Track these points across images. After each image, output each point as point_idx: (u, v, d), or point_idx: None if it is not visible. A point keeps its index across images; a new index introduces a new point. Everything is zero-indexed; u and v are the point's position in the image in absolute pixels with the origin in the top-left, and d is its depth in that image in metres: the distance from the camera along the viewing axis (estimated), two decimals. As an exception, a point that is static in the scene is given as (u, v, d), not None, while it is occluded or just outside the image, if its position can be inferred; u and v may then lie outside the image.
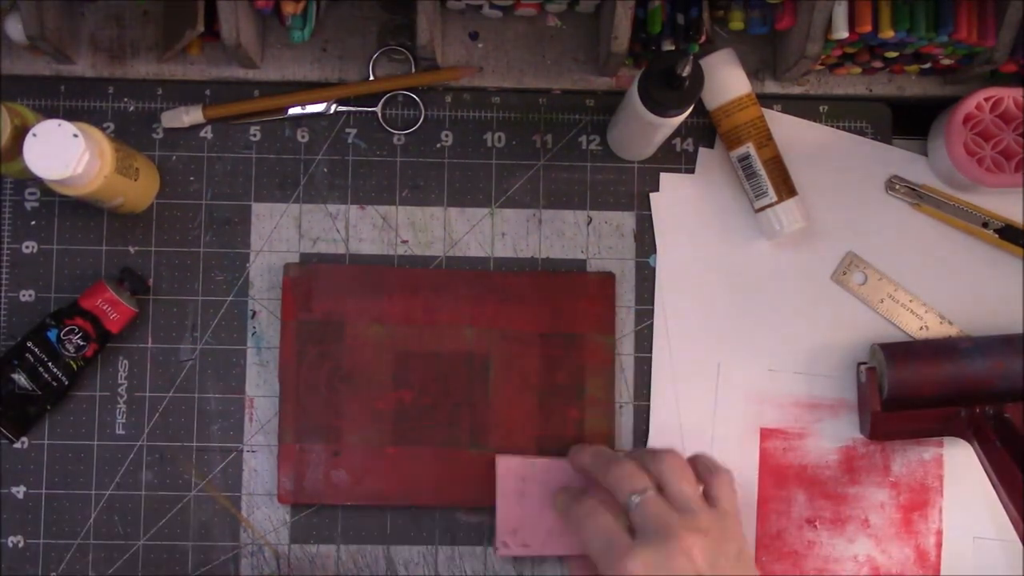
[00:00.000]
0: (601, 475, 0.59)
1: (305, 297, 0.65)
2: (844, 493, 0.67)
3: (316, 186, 0.67)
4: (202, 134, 0.68)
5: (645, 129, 0.61)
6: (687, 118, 0.61)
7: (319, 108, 0.67)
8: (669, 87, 0.57)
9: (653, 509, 0.55)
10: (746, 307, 0.68)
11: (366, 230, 0.67)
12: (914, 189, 0.68)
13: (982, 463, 0.62)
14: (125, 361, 0.66)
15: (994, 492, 0.62)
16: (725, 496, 0.58)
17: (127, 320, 0.64)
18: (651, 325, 0.67)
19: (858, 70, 0.68)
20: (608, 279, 0.67)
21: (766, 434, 0.67)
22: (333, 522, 0.66)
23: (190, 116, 0.66)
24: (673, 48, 0.64)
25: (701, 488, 0.58)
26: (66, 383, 0.63)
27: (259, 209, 0.67)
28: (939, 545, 0.67)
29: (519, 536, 0.63)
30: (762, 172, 0.65)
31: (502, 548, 0.63)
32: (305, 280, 0.65)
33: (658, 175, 0.68)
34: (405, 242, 0.67)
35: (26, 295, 0.66)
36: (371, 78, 0.68)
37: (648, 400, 0.67)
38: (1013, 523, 0.60)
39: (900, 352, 0.65)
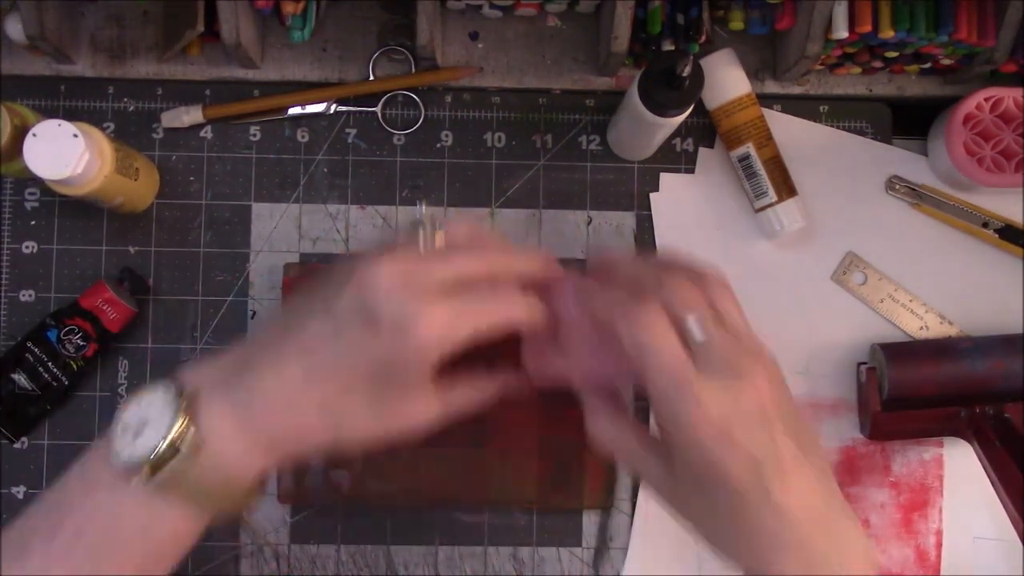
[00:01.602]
0: (648, 291, 0.49)
1: (305, 297, 0.65)
2: (844, 493, 0.66)
3: (316, 186, 0.67)
4: (202, 134, 0.68)
5: (645, 129, 0.61)
6: (687, 118, 0.61)
7: (319, 108, 0.67)
8: (669, 87, 0.57)
9: (719, 340, 0.49)
10: (746, 307, 0.67)
11: (366, 230, 0.67)
12: (914, 189, 0.68)
13: (982, 463, 0.62)
14: (125, 361, 0.66)
15: (994, 492, 0.62)
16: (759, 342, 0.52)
17: (127, 320, 0.64)
18: (651, 325, 0.67)
19: (858, 70, 0.68)
20: (608, 279, 0.67)
21: (766, 434, 0.67)
22: (333, 522, 0.66)
23: (190, 116, 0.66)
24: (673, 48, 0.64)
25: None
26: (66, 383, 0.63)
27: (259, 209, 0.67)
28: (939, 545, 0.67)
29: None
30: (762, 172, 0.65)
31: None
32: (305, 280, 0.65)
33: (658, 175, 0.68)
34: (405, 242, 0.67)
35: (26, 295, 0.66)
36: (371, 78, 0.68)
37: (648, 400, 0.66)
38: (1013, 523, 0.60)
39: (900, 352, 0.65)
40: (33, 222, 0.66)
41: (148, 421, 0.45)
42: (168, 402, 0.45)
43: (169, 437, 0.44)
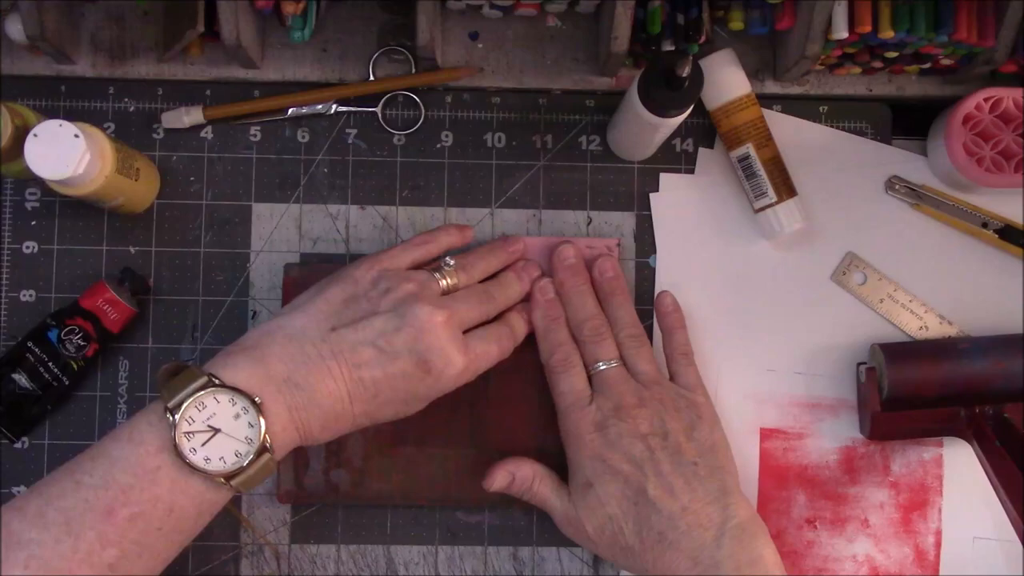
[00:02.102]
0: (573, 325, 0.64)
1: (305, 297, 0.65)
2: (844, 493, 0.67)
3: (316, 186, 0.67)
4: (202, 134, 0.68)
5: (645, 129, 0.61)
6: (687, 118, 0.61)
7: (319, 108, 0.67)
8: (669, 87, 0.57)
9: (613, 379, 0.61)
10: (746, 307, 0.68)
11: (366, 230, 0.67)
12: (914, 189, 0.68)
13: (982, 463, 0.62)
14: (125, 361, 0.66)
15: (994, 492, 0.62)
16: (689, 376, 0.64)
17: (127, 320, 0.64)
18: (651, 325, 0.67)
19: (858, 70, 0.68)
20: (608, 279, 0.67)
21: (766, 434, 0.67)
22: (333, 522, 0.66)
23: (190, 116, 0.67)
24: (673, 48, 0.64)
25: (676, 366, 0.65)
26: (66, 383, 0.63)
27: (259, 209, 0.67)
28: (938, 545, 0.67)
29: None
30: (762, 172, 0.65)
31: None
32: (305, 280, 0.65)
33: (658, 175, 0.68)
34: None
35: (26, 295, 0.66)
36: (371, 78, 0.68)
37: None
38: (1013, 523, 0.60)
39: (900, 352, 0.65)
40: (33, 222, 0.66)
41: (220, 429, 0.51)
42: (241, 412, 0.52)
43: (254, 451, 0.51)
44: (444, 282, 0.60)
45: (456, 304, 0.59)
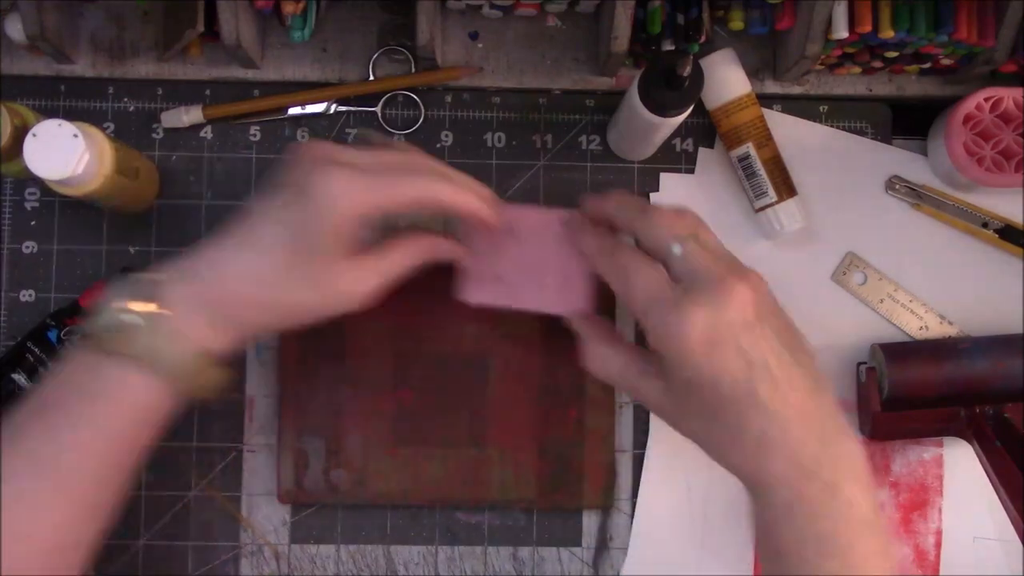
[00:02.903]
0: (635, 223, 0.55)
1: (305, 297, 0.65)
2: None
3: (316, 186, 0.67)
4: (202, 134, 0.68)
5: (645, 129, 0.61)
6: (687, 118, 0.61)
7: (319, 108, 0.67)
8: (669, 87, 0.57)
9: (700, 258, 0.52)
10: (746, 307, 0.67)
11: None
12: (914, 189, 0.68)
13: (982, 463, 0.62)
14: (125, 361, 0.66)
15: (994, 492, 0.62)
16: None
17: (127, 320, 0.64)
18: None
19: (858, 70, 0.68)
20: (608, 279, 0.67)
21: (766, 434, 0.67)
22: (333, 522, 0.66)
23: (190, 116, 0.66)
24: (673, 48, 0.64)
25: None
26: (66, 383, 0.63)
27: (259, 209, 0.67)
28: (938, 545, 0.67)
29: (486, 285, 0.60)
30: (762, 172, 0.65)
31: (465, 294, 0.60)
32: None
33: (658, 175, 0.68)
34: (405, 242, 0.67)
35: (26, 295, 0.66)
36: (371, 78, 0.68)
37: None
38: (1013, 523, 0.60)
39: (900, 352, 0.65)
40: (33, 222, 0.66)
41: (111, 299, 0.51)
42: (132, 283, 0.51)
43: (134, 308, 0.50)
44: None
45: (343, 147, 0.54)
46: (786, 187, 0.65)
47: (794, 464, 0.51)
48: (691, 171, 0.68)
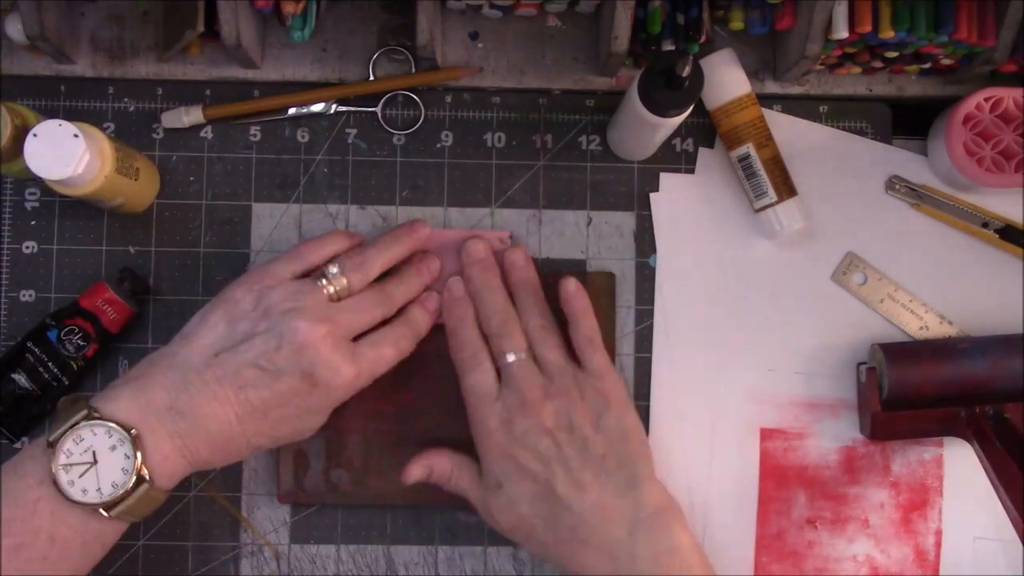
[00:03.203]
0: (483, 320, 0.63)
1: (305, 297, 0.65)
2: (844, 493, 0.67)
3: (316, 186, 0.67)
4: (202, 134, 0.68)
5: (645, 129, 0.61)
6: (687, 118, 0.61)
7: (319, 108, 0.67)
8: (669, 87, 0.57)
9: (519, 372, 0.60)
10: (746, 307, 0.68)
11: (366, 230, 0.67)
12: (914, 189, 0.68)
13: (982, 463, 0.62)
14: (125, 361, 0.66)
15: (994, 492, 0.61)
16: (596, 362, 0.62)
17: (127, 320, 0.64)
18: (651, 325, 0.67)
19: (858, 70, 0.68)
20: (608, 279, 0.67)
21: (766, 434, 0.67)
22: (333, 522, 0.66)
23: (190, 116, 0.66)
24: (673, 48, 0.64)
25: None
26: (66, 383, 0.63)
27: (259, 209, 0.67)
28: (938, 545, 0.67)
29: None
30: (762, 172, 0.65)
31: None
32: None
33: (658, 175, 0.68)
34: (405, 242, 0.67)
35: (26, 295, 0.66)
36: (371, 78, 0.68)
37: (648, 400, 0.67)
38: (1013, 523, 0.60)
39: (900, 352, 0.65)
40: (33, 222, 0.66)
41: (98, 460, 0.52)
42: (118, 443, 0.52)
43: (131, 482, 0.52)
44: (330, 289, 0.58)
45: (342, 313, 0.58)
46: (786, 187, 0.65)
47: (610, 560, 0.56)
48: (691, 171, 0.68)
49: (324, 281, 0.58)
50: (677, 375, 0.67)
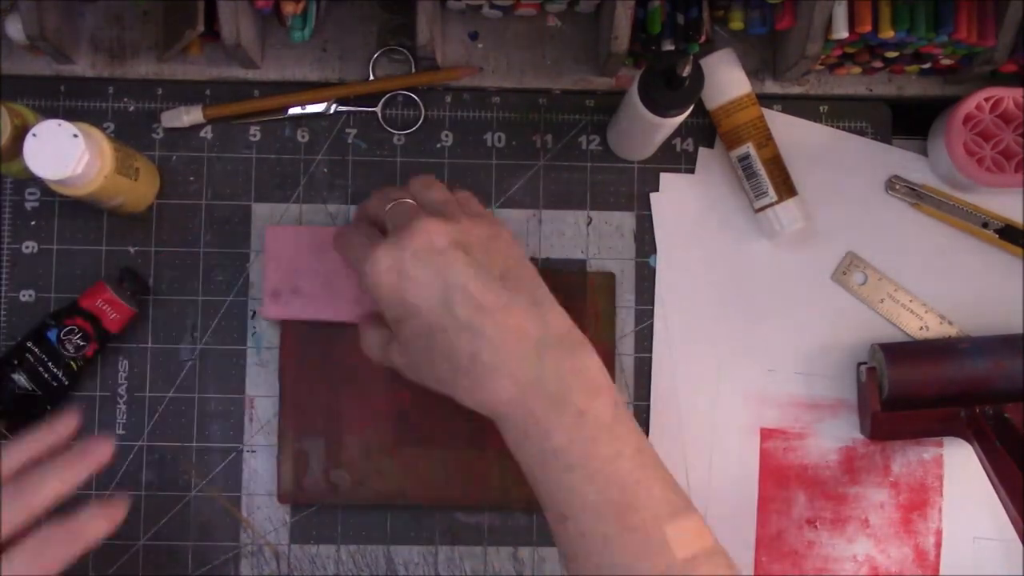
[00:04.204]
0: (369, 207, 0.59)
1: (305, 297, 0.65)
2: (844, 493, 0.67)
3: (316, 186, 0.67)
4: (202, 134, 0.68)
5: (645, 129, 0.61)
6: (687, 118, 0.61)
7: (319, 108, 0.67)
8: (669, 87, 0.57)
9: (400, 208, 0.56)
10: (746, 307, 0.68)
11: (366, 230, 0.67)
12: (914, 189, 0.68)
13: (982, 463, 0.62)
14: (125, 361, 0.66)
15: (994, 492, 0.62)
16: (472, 204, 0.59)
17: (127, 320, 0.64)
18: (651, 325, 0.67)
19: (858, 70, 0.68)
20: (608, 279, 0.67)
21: (766, 434, 0.67)
22: (333, 522, 0.66)
23: (190, 116, 0.66)
24: (673, 48, 0.64)
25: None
26: (66, 383, 0.63)
27: (259, 209, 0.67)
28: (938, 545, 0.67)
29: (282, 298, 0.64)
30: (762, 172, 0.65)
31: (262, 310, 0.64)
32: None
33: (658, 175, 0.68)
34: (405, 242, 0.67)
35: (26, 295, 0.66)
36: (371, 78, 0.68)
37: (648, 400, 0.67)
38: (1013, 523, 0.60)
39: (900, 352, 0.65)
40: (33, 222, 0.66)
41: None
42: None
43: None
44: None
45: None
46: (786, 187, 0.65)
47: (515, 383, 0.51)
48: (691, 171, 0.68)
49: None
50: (677, 375, 0.67)
